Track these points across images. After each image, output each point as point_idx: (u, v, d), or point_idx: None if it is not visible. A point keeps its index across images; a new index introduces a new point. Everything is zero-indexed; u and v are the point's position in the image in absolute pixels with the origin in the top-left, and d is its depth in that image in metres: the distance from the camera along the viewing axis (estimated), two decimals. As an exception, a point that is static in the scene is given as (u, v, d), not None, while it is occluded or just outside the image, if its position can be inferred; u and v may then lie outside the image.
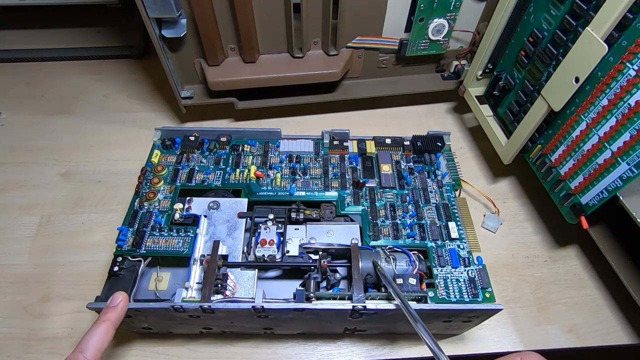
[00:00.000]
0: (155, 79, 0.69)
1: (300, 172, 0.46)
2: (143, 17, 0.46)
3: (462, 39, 0.57)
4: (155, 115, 0.64)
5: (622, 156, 0.36)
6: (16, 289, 0.46)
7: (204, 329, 0.41)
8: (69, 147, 0.60)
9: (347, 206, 0.43)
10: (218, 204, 0.42)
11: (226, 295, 0.36)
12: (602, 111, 0.37)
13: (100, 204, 0.53)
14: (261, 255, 0.38)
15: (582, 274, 0.48)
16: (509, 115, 0.50)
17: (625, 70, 0.35)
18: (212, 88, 0.54)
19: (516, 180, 0.57)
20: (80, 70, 0.70)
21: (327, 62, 0.55)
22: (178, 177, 0.45)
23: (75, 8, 0.73)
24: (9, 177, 0.56)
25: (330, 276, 0.38)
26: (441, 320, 0.37)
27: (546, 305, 0.46)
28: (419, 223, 0.42)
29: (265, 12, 0.50)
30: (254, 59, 0.54)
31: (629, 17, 0.34)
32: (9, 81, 0.69)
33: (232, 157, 0.47)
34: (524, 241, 0.51)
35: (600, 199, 0.39)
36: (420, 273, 0.37)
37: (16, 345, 0.42)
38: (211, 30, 0.50)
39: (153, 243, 0.40)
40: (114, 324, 0.32)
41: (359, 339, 0.43)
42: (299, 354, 0.43)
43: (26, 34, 0.73)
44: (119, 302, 0.33)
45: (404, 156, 0.48)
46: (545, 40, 0.43)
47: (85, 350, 0.30)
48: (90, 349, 0.30)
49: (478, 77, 0.54)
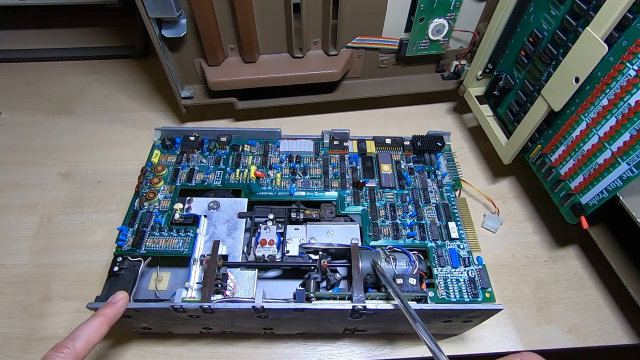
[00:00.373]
0: (155, 79, 0.69)
1: (300, 172, 0.46)
2: (143, 17, 0.46)
3: (462, 39, 0.57)
4: (155, 115, 0.64)
5: (622, 156, 0.36)
6: (16, 289, 0.46)
7: (204, 329, 0.41)
8: (69, 147, 0.60)
9: (347, 206, 0.43)
10: (218, 204, 0.42)
11: (226, 295, 0.36)
12: (602, 111, 0.37)
13: (100, 204, 0.53)
14: (261, 255, 0.38)
15: (582, 274, 0.48)
16: (509, 115, 0.50)
17: (625, 70, 0.35)
18: (212, 88, 0.54)
19: (516, 180, 0.57)
20: (80, 70, 0.70)
21: (327, 62, 0.55)
22: (178, 177, 0.45)
23: (75, 8, 0.73)
24: (9, 177, 0.56)
25: (330, 276, 0.38)
26: (441, 320, 0.37)
27: (546, 305, 0.46)
28: (419, 223, 0.42)
29: (265, 12, 0.50)
30: (254, 59, 0.54)
31: (629, 17, 0.34)
32: (9, 81, 0.69)
33: (232, 157, 0.47)
34: (524, 241, 0.51)
35: (600, 199, 0.39)
36: (420, 273, 0.37)
37: (16, 345, 0.42)
38: (211, 30, 0.50)
39: (153, 243, 0.40)
40: (109, 320, 0.33)
41: (359, 339, 0.43)
42: (299, 354, 0.43)
43: (26, 34, 0.74)
44: (118, 300, 0.34)
45: (404, 156, 0.48)
46: (545, 40, 0.43)
47: (76, 339, 0.31)
48: (81, 339, 0.31)
49: (478, 77, 0.54)
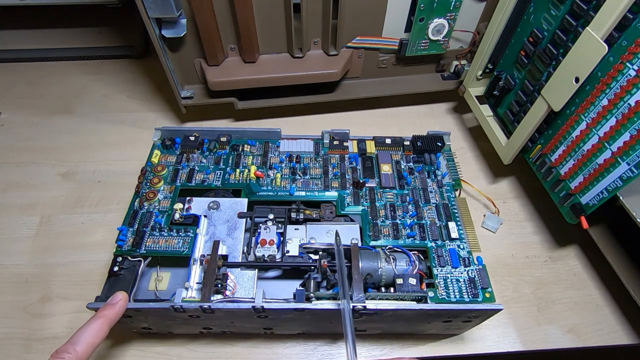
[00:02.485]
0: (155, 79, 0.69)
1: (300, 172, 0.46)
2: (143, 17, 0.46)
3: (462, 39, 0.57)
4: (155, 115, 0.64)
5: (622, 156, 0.36)
6: (16, 289, 0.46)
7: (204, 329, 0.41)
8: (69, 147, 0.60)
9: (347, 206, 0.43)
10: (218, 204, 0.42)
11: (226, 295, 0.36)
12: (602, 111, 0.37)
13: (100, 204, 0.53)
14: (261, 255, 0.38)
15: (582, 274, 0.48)
16: (509, 115, 0.50)
17: (625, 70, 0.35)
18: (212, 88, 0.54)
19: (516, 180, 0.57)
20: (80, 70, 0.70)
21: (327, 62, 0.55)
22: (178, 177, 0.45)
23: (75, 8, 0.73)
24: (9, 177, 0.56)
25: (330, 276, 0.38)
26: (441, 320, 0.37)
27: (546, 305, 0.46)
28: (419, 223, 0.42)
29: (265, 12, 0.50)
30: (254, 59, 0.54)
31: (629, 17, 0.34)
32: (9, 81, 0.69)
33: (232, 157, 0.47)
34: (524, 241, 0.51)
35: (600, 199, 0.39)
36: (420, 273, 0.37)
37: (16, 345, 0.42)
38: (211, 30, 0.50)
39: (153, 243, 0.40)
40: (109, 321, 0.33)
41: (359, 339, 0.43)
42: (299, 354, 0.43)
43: (26, 34, 0.74)
44: (118, 300, 0.34)
45: (404, 156, 0.48)
46: (545, 40, 0.43)
47: (76, 343, 0.31)
48: (81, 342, 0.31)
49: (478, 77, 0.54)
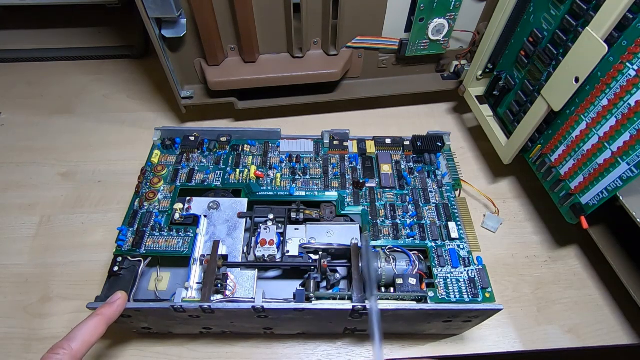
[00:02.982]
0: (155, 79, 0.69)
1: (300, 172, 0.46)
2: (143, 17, 0.46)
3: (462, 39, 0.57)
4: (155, 115, 0.64)
5: (622, 156, 0.36)
6: (16, 289, 0.46)
7: (204, 329, 0.41)
8: (69, 147, 0.60)
9: (347, 206, 0.43)
10: (218, 204, 0.42)
11: (226, 295, 0.36)
12: (602, 111, 0.37)
13: (100, 204, 0.53)
14: (261, 255, 0.38)
15: (582, 274, 0.48)
16: (509, 115, 0.50)
17: (625, 70, 0.35)
18: (212, 88, 0.54)
19: (516, 180, 0.57)
20: (80, 70, 0.70)
21: (327, 62, 0.55)
22: (178, 177, 0.45)
23: (75, 8, 0.73)
24: (9, 177, 0.56)
25: (330, 276, 0.38)
26: (441, 320, 0.37)
27: (546, 305, 0.46)
28: (419, 223, 0.42)
29: (265, 12, 0.50)
30: (254, 59, 0.54)
31: (629, 17, 0.34)
32: (9, 81, 0.69)
33: (232, 157, 0.47)
34: (524, 241, 0.51)
35: (600, 199, 0.39)
36: (420, 273, 0.37)
37: (16, 345, 0.42)
38: (211, 30, 0.50)
39: (153, 243, 0.40)
40: (106, 320, 0.33)
41: (359, 339, 0.43)
42: (299, 354, 0.43)
43: (26, 34, 0.74)
44: (116, 299, 0.34)
45: (404, 156, 0.48)
46: (545, 40, 0.43)
47: (72, 340, 0.31)
48: (77, 339, 0.31)
49: (478, 77, 0.54)
